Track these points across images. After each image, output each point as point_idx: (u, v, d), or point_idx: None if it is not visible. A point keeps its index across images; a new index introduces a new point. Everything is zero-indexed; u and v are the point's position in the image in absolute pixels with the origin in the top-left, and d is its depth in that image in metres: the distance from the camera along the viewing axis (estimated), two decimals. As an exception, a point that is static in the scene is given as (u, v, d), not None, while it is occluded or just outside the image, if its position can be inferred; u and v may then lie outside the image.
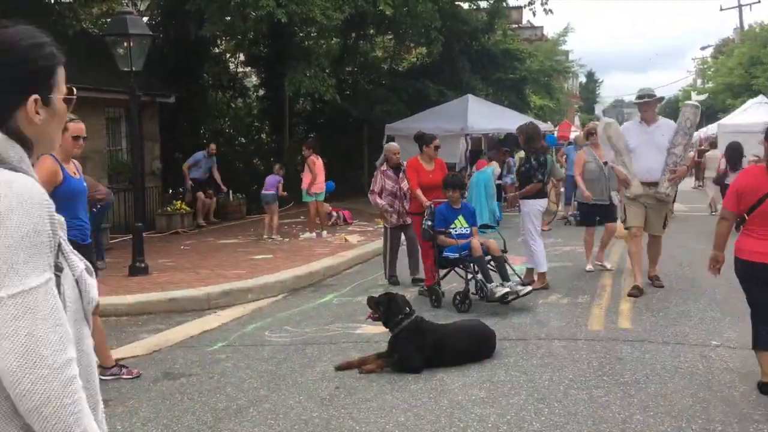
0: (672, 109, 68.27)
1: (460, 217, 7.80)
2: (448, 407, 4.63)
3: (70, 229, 4.66)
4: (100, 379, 4.47)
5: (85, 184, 5.22)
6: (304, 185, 12.85)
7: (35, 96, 1.53)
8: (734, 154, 13.76)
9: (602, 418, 4.40)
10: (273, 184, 13.08)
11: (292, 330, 6.84)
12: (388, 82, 21.92)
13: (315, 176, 12.73)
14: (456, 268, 7.77)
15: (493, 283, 7.27)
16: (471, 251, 7.37)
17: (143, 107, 14.10)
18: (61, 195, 4.62)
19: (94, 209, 9.81)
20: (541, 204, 8.55)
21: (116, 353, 6.05)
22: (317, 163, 12.84)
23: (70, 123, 4.85)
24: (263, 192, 13.19)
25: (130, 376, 5.37)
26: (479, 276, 7.39)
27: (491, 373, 5.31)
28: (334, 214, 15.00)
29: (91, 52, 13.84)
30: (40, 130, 1.56)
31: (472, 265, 7.48)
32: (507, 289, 7.24)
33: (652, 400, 4.67)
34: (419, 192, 8.00)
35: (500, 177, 15.18)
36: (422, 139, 8.54)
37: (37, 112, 1.53)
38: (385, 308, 5.62)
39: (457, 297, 7.40)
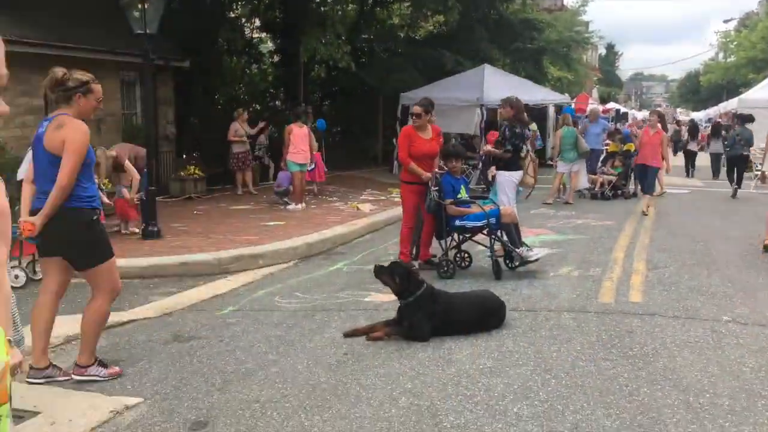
0: (692, 83, 67.39)
1: (462, 187, 7.78)
2: (455, 375, 4.64)
3: (96, 199, 4.52)
4: (28, 382, 4.36)
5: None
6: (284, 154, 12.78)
7: None
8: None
9: (609, 390, 4.40)
10: (285, 178, 13.00)
11: (302, 296, 6.87)
12: (404, 51, 21.69)
13: (288, 145, 12.51)
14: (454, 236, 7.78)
15: (521, 248, 7.42)
16: (503, 217, 7.48)
17: (158, 71, 14.05)
18: (87, 161, 4.47)
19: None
20: (515, 176, 8.49)
21: (128, 315, 6.12)
22: (295, 131, 12.54)
23: (95, 84, 4.53)
24: (276, 189, 13.30)
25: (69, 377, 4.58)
26: (506, 241, 7.54)
27: (499, 344, 5.31)
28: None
29: (106, 14, 13.77)
30: None
31: (497, 231, 7.54)
32: (542, 252, 7.67)
33: (660, 374, 4.66)
34: (413, 165, 7.66)
35: None
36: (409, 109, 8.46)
37: None
38: (403, 279, 5.57)
39: (497, 261, 7.46)
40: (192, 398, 4.29)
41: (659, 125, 12.70)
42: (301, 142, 12.55)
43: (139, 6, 9.34)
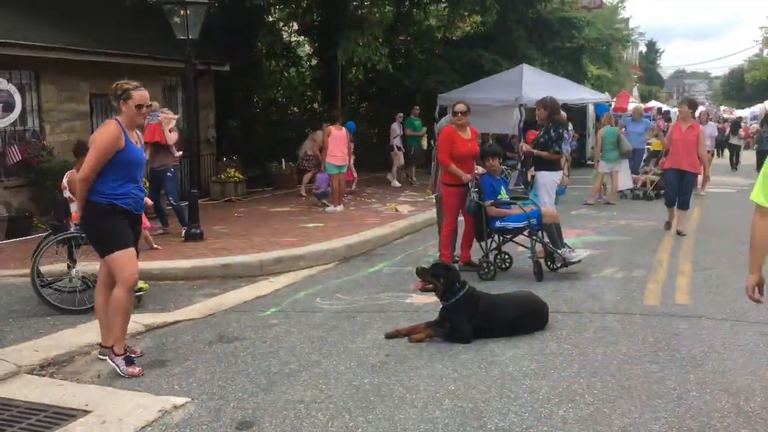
0: (737, 80, 65.86)
1: (502, 188, 7.74)
2: (498, 378, 4.62)
3: (124, 197, 4.73)
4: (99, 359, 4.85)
5: (145, 156, 5.25)
6: (322, 156, 12.86)
7: None
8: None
9: (657, 393, 4.33)
10: (324, 181, 13.12)
11: (343, 298, 6.91)
12: (442, 52, 21.62)
13: (325, 147, 12.58)
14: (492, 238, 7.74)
15: (563, 249, 7.36)
16: (544, 218, 7.44)
17: (199, 75, 14.26)
18: (120, 161, 4.72)
19: (169, 173, 10.03)
20: (556, 176, 8.39)
21: (173, 316, 6.22)
22: (334, 133, 12.61)
23: (135, 91, 4.83)
24: (315, 192, 13.45)
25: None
26: (548, 243, 7.48)
27: (543, 346, 5.26)
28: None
29: (149, 20, 14.03)
30: None
31: (538, 232, 7.49)
32: (585, 252, 7.60)
33: (709, 377, 4.57)
34: (454, 166, 7.64)
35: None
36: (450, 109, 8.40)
37: None
38: (446, 280, 5.56)
39: (538, 262, 7.41)
40: (238, 398, 4.34)
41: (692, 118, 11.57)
42: (339, 144, 12.62)
43: (181, 12, 9.49)
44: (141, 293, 6.48)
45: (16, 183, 11.21)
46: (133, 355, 4.91)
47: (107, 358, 4.83)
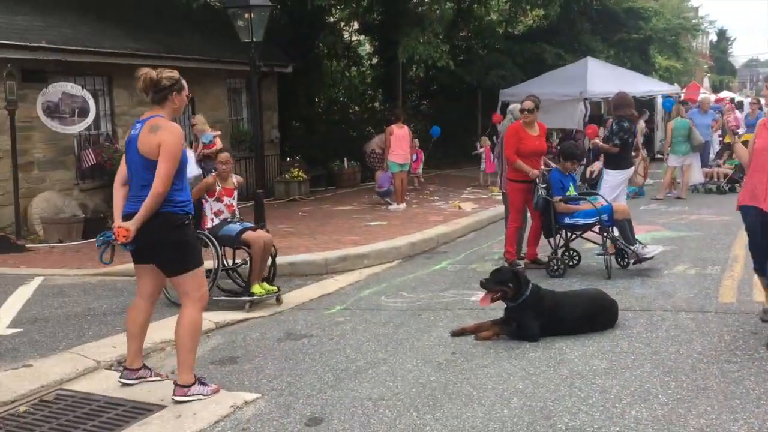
0: (814, 67, 62.84)
1: (570, 184, 7.60)
2: (568, 376, 4.54)
3: (189, 204, 4.34)
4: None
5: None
6: (386, 155, 12.87)
7: None
8: None
9: (734, 393, 4.17)
10: (386, 179, 13.14)
11: (408, 296, 6.91)
12: (503, 47, 21.40)
13: (388, 146, 12.58)
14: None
15: (636, 245, 7.20)
16: (616, 214, 7.31)
17: (262, 77, 14.52)
18: (182, 164, 4.31)
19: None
20: (624, 175, 8.22)
21: (242, 314, 6.34)
22: (396, 132, 12.61)
23: (183, 80, 4.40)
24: (377, 190, 13.49)
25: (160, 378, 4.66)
26: (619, 239, 7.34)
27: (613, 344, 5.15)
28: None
29: (214, 25, 14.37)
30: None
31: (609, 228, 7.35)
32: (657, 248, 7.48)
33: (791, 378, 4.38)
34: (520, 162, 7.55)
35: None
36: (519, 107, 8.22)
37: None
38: (515, 284, 5.44)
39: (612, 259, 7.31)
40: (306, 395, 4.40)
41: None
42: (401, 143, 12.63)
43: (245, 16, 9.66)
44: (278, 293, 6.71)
45: (91, 186, 11.66)
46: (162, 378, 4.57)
47: (183, 397, 4.25)
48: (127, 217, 4.22)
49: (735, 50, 71.46)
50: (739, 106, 21.41)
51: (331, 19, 20.34)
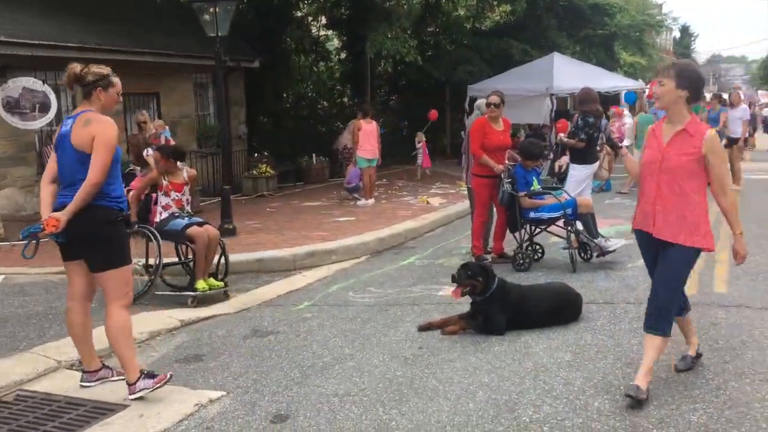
0: (774, 63, 64.24)
1: (534, 179, 7.67)
2: (532, 369, 4.58)
3: (123, 200, 4.27)
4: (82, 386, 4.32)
5: None
6: (354, 150, 12.89)
7: None
8: None
9: (694, 383, 4.26)
10: (355, 175, 13.12)
11: (375, 291, 6.92)
12: (471, 42, 21.48)
13: (357, 141, 12.59)
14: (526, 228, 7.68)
15: (599, 239, 7.28)
16: (579, 208, 7.39)
17: (229, 72, 14.39)
18: (116, 158, 4.27)
19: None
20: (589, 170, 8.31)
21: (207, 311, 6.30)
22: (364, 127, 12.58)
23: (115, 78, 4.36)
24: (346, 186, 13.48)
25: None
26: (582, 231, 7.43)
27: (577, 337, 5.21)
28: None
29: (182, 19, 14.19)
30: None
31: (573, 222, 7.42)
32: (620, 242, 7.49)
33: (748, 367, 4.48)
34: (485, 157, 7.60)
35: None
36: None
37: None
38: (485, 278, 5.48)
39: (573, 253, 7.36)
40: (272, 391, 4.38)
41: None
42: (369, 138, 12.62)
43: (210, 10, 9.58)
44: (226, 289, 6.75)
45: (54, 182, 11.44)
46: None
47: (133, 395, 4.20)
48: (59, 209, 4.13)
49: (698, 46, 72.81)
50: (720, 98, 21.69)
51: (299, 14, 20.22)
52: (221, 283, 6.76)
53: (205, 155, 14.85)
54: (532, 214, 7.49)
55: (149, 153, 9.96)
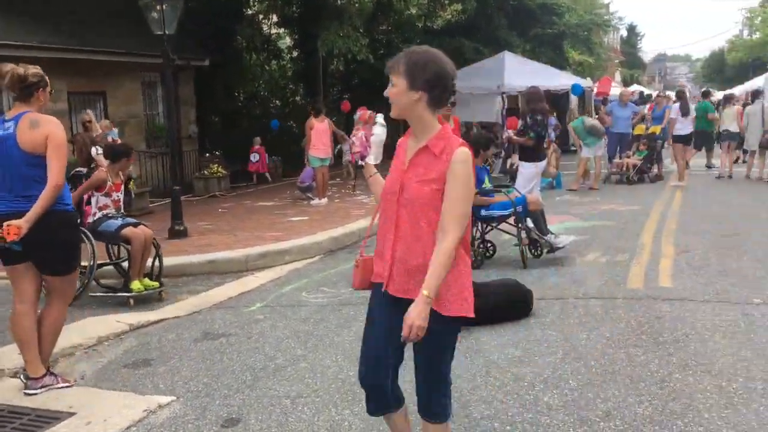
0: (717, 60, 66.29)
1: (486, 177, 7.76)
2: (483, 366, 4.63)
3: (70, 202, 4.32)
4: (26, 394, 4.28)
5: None
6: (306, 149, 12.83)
7: None
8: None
9: (640, 376, 4.36)
10: (308, 174, 13.04)
11: (329, 291, 6.90)
12: (423, 41, 21.55)
13: (310, 140, 12.52)
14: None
15: (549, 235, 7.38)
16: (529, 205, 7.48)
17: (178, 71, 14.17)
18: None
19: None
20: (538, 167, 8.52)
21: (157, 314, 6.19)
22: (316, 126, 12.52)
23: (47, 77, 4.34)
24: (299, 185, 13.36)
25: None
26: (532, 228, 7.52)
27: (528, 333, 5.29)
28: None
29: (127, 17, 13.90)
30: None
31: (523, 219, 7.52)
32: (570, 238, 7.62)
33: (691, 359, 4.61)
34: None
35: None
36: None
37: None
38: None
39: (524, 250, 7.44)
40: (223, 395, 4.33)
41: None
42: (322, 137, 12.57)
43: (158, 7, 9.41)
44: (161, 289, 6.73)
45: None
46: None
47: (32, 390, 4.27)
48: (8, 216, 4.06)
49: (644, 45, 74.54)
50: (648, 99, 22.20)
51: (250, 12, 20.04)
52: (156, 284, 6.72)
53: (154, 155, 14.60)
54: (483, 212, 7.57)
55: (100, 152, 9.76)
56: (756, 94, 15.95)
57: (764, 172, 14.38)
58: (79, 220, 4.45)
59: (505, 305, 5.63)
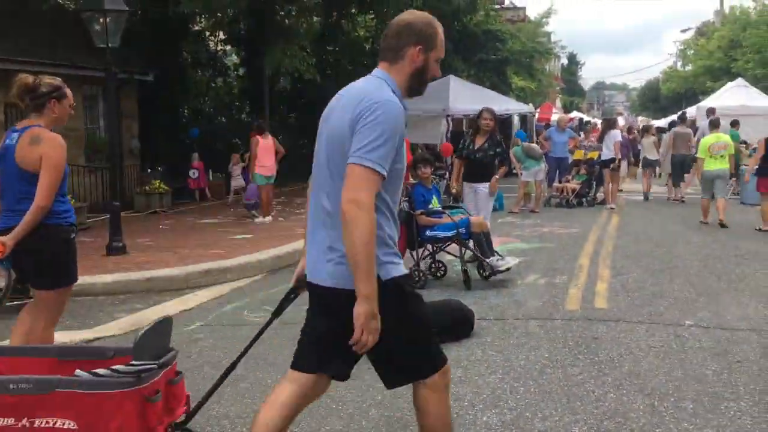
0: (652, 89, 68.85)
1: (434, 197, 7.85)
2: (424, 386, 4.66)
3: (71, 213, 4.19)
4: None
5: None
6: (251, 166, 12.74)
7: None
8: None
9: (576, 396, 4.46)
10: (254, 192, 12.94)
11: (271, 310, 6.77)
12: (370, 63, 21.78)
13: (255, 156, 12.39)
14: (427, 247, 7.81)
15: (492, 257, 7.47)
16: (473, 227, 7.55)
17: (121, 85, 13.92)
18: (65, 174, 4.18)
19: None
20: (479, 188, 8.64)
21: (93, 333, 6.03)
22: (262, 143, 12.40)
23: (67, 89, 4.21)
24: (245, 202, 13.25)
25: None
26: (476, 251, 7.60)
27: (468, 353, 5.35)
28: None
29: (68, 28, 13.62)
30: None
31: (466, 241, 7.60)
32: (514, 261, 7.69)
33: (625, 379, 4.74)
34: None
35: None
36: None
37: None
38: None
39: (467, 271, 7.51)
40: (160, 416, 4.24)
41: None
42: (267, 154, 12.50)
43: (101, 20, 9.25)
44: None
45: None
46: None
47: None
48: (2, 232, 3.96)
49: (584, 73, 76.85)
50: (587, 125, 22.88)
51: (196, 28, 19.87)
52: None
53: (93, 170, 14.25)
54: (428, 233, 7.65)
55: None
56: (673, 124, 17.02)
57: (676, 191, 15.63)
58: (73, 235, 4.20)
59: (449, 325, 5.68)
